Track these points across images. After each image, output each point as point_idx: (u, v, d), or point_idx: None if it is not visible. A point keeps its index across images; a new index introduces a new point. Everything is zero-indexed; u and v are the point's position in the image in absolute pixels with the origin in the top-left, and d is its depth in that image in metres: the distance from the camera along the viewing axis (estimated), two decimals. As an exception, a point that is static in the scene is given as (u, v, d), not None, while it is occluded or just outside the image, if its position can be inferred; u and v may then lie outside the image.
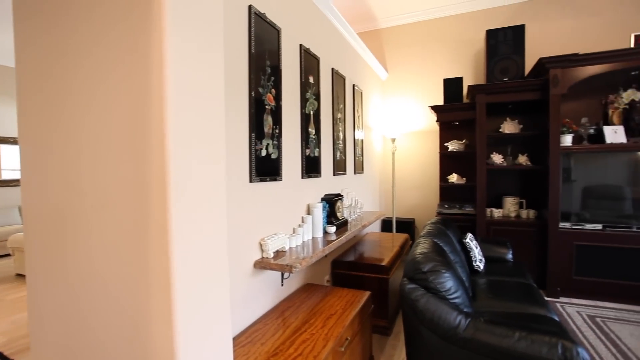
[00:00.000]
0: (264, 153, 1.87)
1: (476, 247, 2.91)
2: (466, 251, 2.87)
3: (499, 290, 2.49)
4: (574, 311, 3.14)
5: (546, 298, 3.40)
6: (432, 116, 4.38)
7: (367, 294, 2.23)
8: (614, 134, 3.36)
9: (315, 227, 2.38)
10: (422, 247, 1.94)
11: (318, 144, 2.62)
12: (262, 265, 1.80)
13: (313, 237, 2.37)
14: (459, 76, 4.27)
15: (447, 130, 4.38)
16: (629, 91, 3.39)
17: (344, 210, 2.84)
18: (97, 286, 1.04)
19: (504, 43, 3.83)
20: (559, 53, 3.80)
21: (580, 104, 3.76)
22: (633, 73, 3.40)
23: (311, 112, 2.51)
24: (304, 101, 2.39)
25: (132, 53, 0.93)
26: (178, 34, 0.91)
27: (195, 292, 0.97)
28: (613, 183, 3.50)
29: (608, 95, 3.55)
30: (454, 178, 4.20)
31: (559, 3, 4.07)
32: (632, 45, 3.38)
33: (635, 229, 3.33)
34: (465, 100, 4.24)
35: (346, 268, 2.84)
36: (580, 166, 3.54)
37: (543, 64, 3.42)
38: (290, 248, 2.07)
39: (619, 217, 3.44)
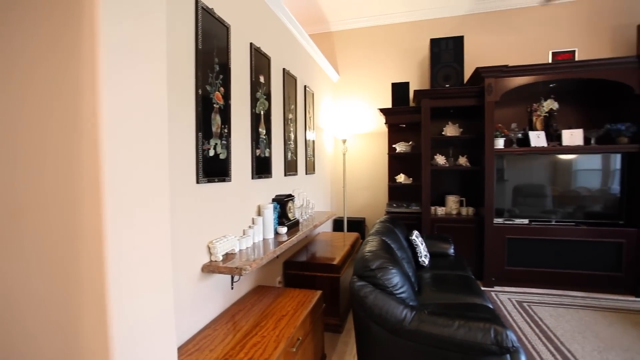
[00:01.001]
0: (212, 153, 1.81)
1: (422, 244, 3.08)
2: (412, 248, 3.02)
3: (441, 283, 2.65)
4: (505, 298, 3.45)
5: (483, 288, 3.70)
6: (381, 118, 4.55)
7: (319, 293, 2.25)
8: (537, 139, 3.76)
9: (266, 228, 2.35)
10: (370, 245, 2.01)
11: (269, 144, 2.60)
12: (210, 269, 1.74)
13: (264, 239, 2.34)
14: (406, 81, 4.49)
15: (395, 132, 4.58)
16: (549, 101, 3.82)
17: (295, 211, 2.84)
18: (23, 300, 0.93)
19: (446, 52, 4.09)
20: (492, 64, 4.15)
21: (510, 111, 4.15)
22: (551, 85, 3.83)
23: (262, 112, 2.48)
24: (254, 101, 2.35)
25: (60, 44, 0.84)
26: (112, 24, 0.84)
27: (134, 302, 0.91)
28: (537, 182, 3.91)
29: (532, 104, 3.96)
30: (401, 178, 4.40)
31: (492, 20, 4.45)
32: (550, 61, 3.80)
33: (554, 223, 3.75)
34: (411, 104, 4.46)
35: (298, 268, 2.85)
36: (511, 167, 3.90)
37: (479, 73, 3.72)
38: (240, 250, 2.02)
39: (542, 212, 3.85)
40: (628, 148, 3.50)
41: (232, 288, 2.04)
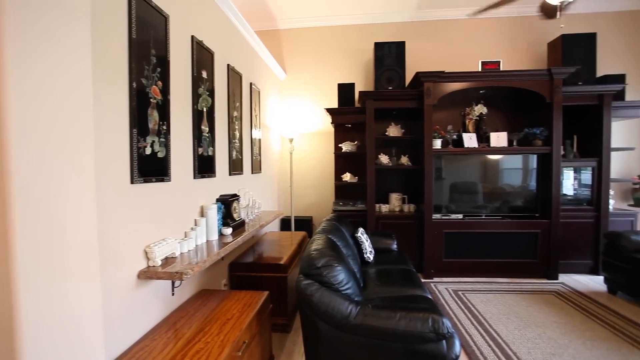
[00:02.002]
0: (148, 151, 1.69)
1: (367, 240, 3.18)
2: (358, 244, 3.12)
3: (385, 277, 2.77)
4: (443, 288, 3.71)
5: (423, 280, 3.93)
6: (328, 118, 4.62)
7: (265, 294, 2.22)
8: (470, 140, 4.09)
9: (209, 229, 2.26)
10: (317, 243, 2.03)
11: (212, 142, 2.50)
12: (147, 275, 1.63)
13: (207, 240, 2.25)
14: (352, 82, 4.61)
15: (341, 132, 4.68)
16: (479, 106, 4.18)
17: (240, 211, 2.77)
18: None
19: (389, 56, 4.28)
20: (431, 69, 4.42)
21: (447, 114, 4.46)
22: (481, 91, 4.20)
23: (204, 109, 2.38)
24: (196, 97, 2.24)
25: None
26: (19, 5, 0.74)
27: (52, 320, 0.81)
28: (470, 180, 4.26)
29: (465, 108, 4.30)
30: (347, 177, 4.51)
31: (431, 28, 4.75)
32: (479, 69, 4.17)
33: (484, 217, 4.11)
34: (357, 104, 4.59)
35: (244, 270, 2.78)
36: (448, 166, 4.20)
37: (419, 78, 3.95)
38: (181, 253, 1.92)
39: (474, 208, 4.20)
40: (541, 149, 3.97)
41: (173, 294, 1.93)
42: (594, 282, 3.82)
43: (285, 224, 4.77)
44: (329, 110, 4.40)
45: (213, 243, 2.23)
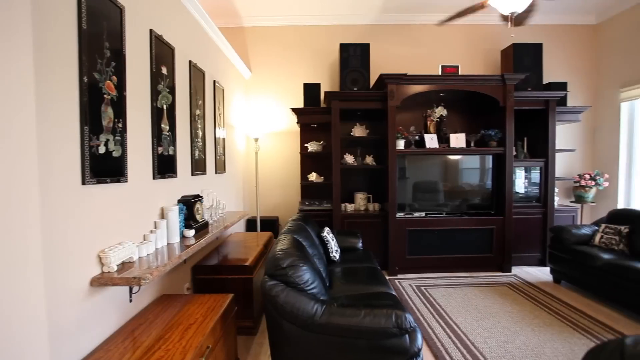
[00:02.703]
0: (102, 150, 1.59)
1: (332, 240, 3.21)
2: (324, 244, 3.14)
3: (351, 275, 2.81)
4: (407, 284, 3.83)
5: (388, 277, 4.04)
6: (293, 118, 4.61)
7: (230, 296, 2.17)
8: (431, 141, 4.25)
9: (171, 232, 2.17)
10: (282, 244, 2.02)
11: (173, 141, 2.40)
12: (102, 281, 1.53)
13: (169, 243, 2.16)
14: (318, 82, 4.62)
15: (307, 132, 4.69)
16: (439, 108, 4.36)
17: (204, 212, 2.69)
18: None
19: (354, 57, 4.34)
20: (394, 72, 4.54)
21: (409, 115, 4.61)
22: (441, 94, 4.38)
23: (164, 107, 2.28)
24: (155, 94, 2.14)
25: None
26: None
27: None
28: (432, 179, 4.44)
29: (427, 110, 4.47)
30: (313, 177, 4.52)
31: (394, 31, 4.89)
32: (440, 73, 4.35)
33: (444, 215, 4.30)
34: (322, 104, 4.61)
35: (208, 272, 2.70)
36: (411, 166, 4.34)
37: (383, 79, 4.05)
38: (140, 258, 1.83)
39: (436, 206, 4.38)
40: (496, 150, 4.21)
41: (130, 301, 1.83)
42: (542, 273, 4.12)
43: (251, 225, 4.70)
44: (295, 110, 4.39)
45: (174, 246, 2.15)
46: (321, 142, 4.57)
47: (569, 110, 4.47)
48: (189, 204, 2.44)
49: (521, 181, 4.49)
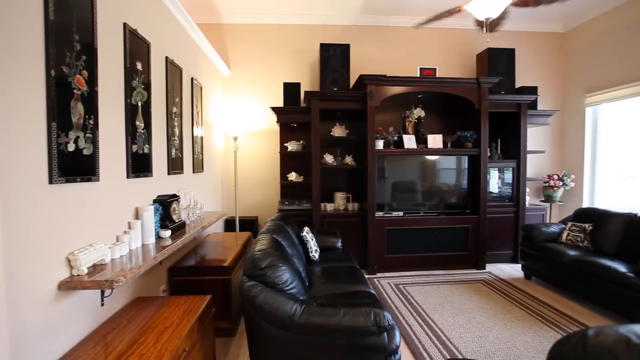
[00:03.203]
0: (72, 148, 1.52)
1: (312, 239, 3.21)
2: (304, 243, 3.13)
3: (330, 275, 2.82)
4: (385, 283, 3.88)
5: (367, 276, 4.08)
6: (273, 117, 4.57)
7: (208, 298, 2.13)
8: (409, 141, 4.33)
9: (146, 232, 2.11)
10: (261, 244, 2.00)
11: (148, 139, 2.33)
12: (71, 285, 1.46)
13: (143, 244, 2.09)
14: (298, 81, 4.61)
15: (286, 131, 4.67)
16: (417, 109, 4.44)
17: (181, 212, 2.63)
18: None
19: (334, 57, 4.36)
20: (373, 72, 4.59)
21: (388, 116, 4.67)
22: (420, 96, 4.47)
23: (139, 103, 2.21)
24: (129, 90, 2.07)
25: None
26: None
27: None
28: (411, 179, 4.52)
29: (405, 111, 4.55)
30: (293, 176, 4.51)
31: (374, 33, 4.94)
32: (418, 75, 4.43)
33: (422, 214, 4.39)
34: (302, 104, 4.60)
35: (185, 274, 2.64)
36: (390, 166, 4.40)
37: (362, 80, 4.08)
38: (112, 260, 1.76)
39: (414, 205, 4.46)
40: (472, 151, 4.34)
41: (102, 304, 1.76)
42: (514, 270, 4.28)
43: (229, 225, 4.63)
44: (275, 109, 4.36)
45: (150, 247, 2.08)
46: (301, 142, 4.56)
47: (539, 113, 4.67)
48: (165, 203, 2.37)
49: (495, 181, 4.65)
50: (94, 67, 1.69)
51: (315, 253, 3.16)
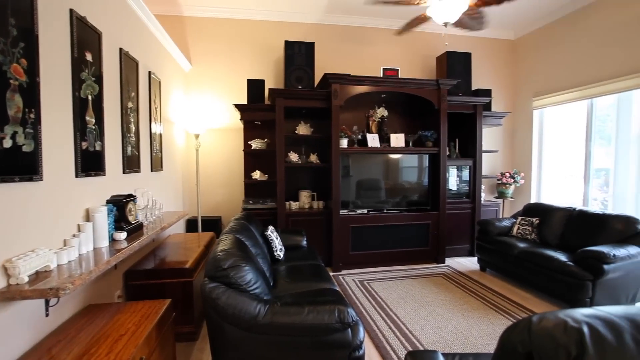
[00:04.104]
0: (8, 144, 1.38)
1: (277, 238, 3.18)
2: (268, 243, 3.10)
3: (295, 274, 2.81)
4: (350, 279, 3.93)
5: (332, 273, 4.12)
6: (237, 114, 4.47)
7: (167, 302, 2.04)
8: (373, 140, 4.42)
9: (98, 235, 1.98)
10: (223, 244, 1.95)
11: (100, 135, 2.18)
12: (7, 295, 1.34)
13: (95, 248, 1.96)
14: (262, 79, 4.53)
15: (250, 129, 4.58)
16: (381, 109, 4.54)
17: (138, 213, 2.50)
18: None
19: (299, 55, 4.33)
20: (338, 71, 4.63)
21: (352, 115, 4.74)
22: (383, 96, 4.57)
23: (90, 97, 2.06)
24: (78, 82, 1.93)
25: None
26: None
27: None
28: (375, 177, 4.61)
29: (369, 110, 4.63)
30: (257, 175, 4.44)
31: (338, 32, 4.97)
32: (381, 75, 4.54)
33: (385, 211, 4.50)
34: (267, 102, 4.54)
35: (143, 277, 2.51)
36: (355, 164, 4.47)
37: (327, 79, 4.10)
38: (59, 266, 1.63)
39: (377, 203, 4.56)
40: (432, 150, 4.51)
41: (47, 315, 1.62)
42: (471, 263, 4.51)
43: (192, 225, 4.47)
44: (238, 107, 4.26)
45: (102, 250, 1.95)
46: (265, 140, 4.50)
47: (493, 115, 4.95)
48: (119, 204, 2.24)
49: (454, 179, 4.87)
50: (35, 55, 1.55)
51: (280, 252, 3.14)
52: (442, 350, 2.44)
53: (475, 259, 4.42)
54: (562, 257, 3.18)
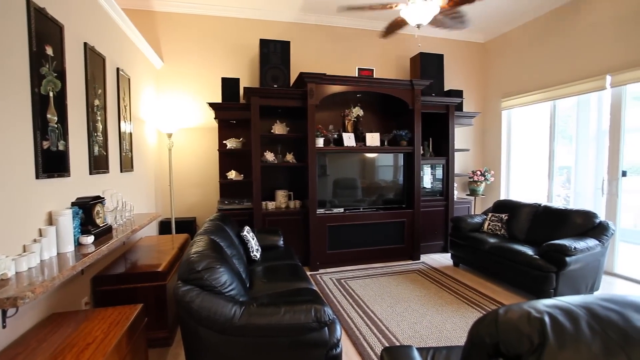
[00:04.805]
0: (-40, 143, 1.29)
1: (253, 239, 3.15)
2: (244, 243, 3.06)
3: (272, 274, 2.79)
4: (328, 278, 3.95)
5: (309, 272, 4.12)
6: (211, 113, 4.38)
7: (139, 307, 1.97)
8: (349, 139, 4.45)
9: (62, 239, 1.88)
10: (197, 245, 1.90)
11: (64, 134, 2.08)
12: (-39, 305, 1.25)
13: (59, 253, 1.86)
14: (237, 77, 4.46)
15: (225, 129, 4.50)
16: (356, 108, 4.58)
17: (106, 216, 2.39)
18: None
19: (274, 54, 4.30)
20: (313, 71, 4.62)
21: (328, 114, 4.75)
22: (358, 95, 4.62)
23: (51, 94, 1.95)
24: (37, 78, 1.82)
25: None
26: None
27: None
28: (351, 176, 4.65)
29: (345, 110, 4.67)
30: (232, 175, 4.37)
31: (314, 31, 4.97)
32: (356, 75, 4.58)
33: (362, 210, 4.54)
34: (242, 100, 4.48)
35: (113, 282, 2.41)
36: (332, 163, 4.48)
37: (303, 78, 4.09)
38: (18, 273, 1.54)
39: (354, 202, 4.60)
40: (406, 149, 4.60)
41: (4, 326, 1.52)
42: (445, 259, 4.64)
43: (165, 227, 4.34)
44: (212, 105, 4.18)
45: (67, 255, 1.86)
46: (241, 139, 4.44)
47: (464, 115, 5.11)
48: (86, 206, 2.14)
49: (428, 177, 4.99)
50: (-10, 50, 1.46)
51: (256, 252, 3.11)
52: (417, 344, 2.50)
53: (449, 254, 4.55)
54: (529, 251, 3.33)
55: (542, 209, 3.84)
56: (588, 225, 3.35)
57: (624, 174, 3.85)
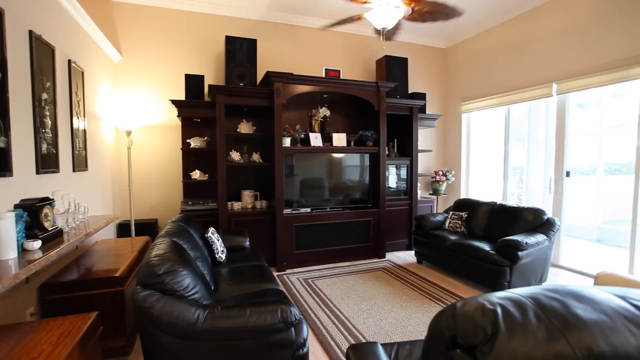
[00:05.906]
0: None
1: (218, 240, 3.07)
2: (209, 245, 2.97)
3: (237, 275, 2.74)
4: (295, 278, 3.94)
5: (276, 273, 4.09)
6: (174, 110, 4.22)
7: (93, 315, 1.86)
8: (316, 139, 4.47)
9: (3, 245, 1.72)
10: (158, 248, 1.82)
11: (5, 130, 1.91)
12: None
13: (0, 261, 1.71)
14: (201, 74, 4.33)
15: (189, 127, 4.36)
16: (323, 109, 4.61)
17: (56, 219, 2.23)
18: None
19: (240, 51, 4.21)
20: (280, 70, 4.59)
21: (295, 114, 4.74)
22: (325, 96, 4.65)
23: (-9, 86, 1.79)
24: (-25, 68, 1.66)
25: None
26: None
27: None
28: (318, 176, 4.66)
29: (312, 110, 4.68)
30: (197, 175, 4.23)
31: (281, 30, 4.93)
32: (323, 75, 4.61)
33: (328, 209, 4.58)
34: (206, 98, 4.35)
35: (64, 290, 2.25)
36: (299, 163, 4.47)
37: (269, 77, 4.05)
38: (-49, 283, 1.39)
39: (321, 201, 4.62)
40: (372, 149, 4.70)
41: None
42: (409, 256, 4.79)
43: (124, 230, 4.11)
44: (175, 102, 4.02)
45: (9, 263, 1.71)
46: (205, 138, 4.32)
47: (427, 117, 5.30)
48: (32, 209, 1.97)
49: (393, 177, 5.13)
50: None
51: (221, 254, 3.03)
52: (382, 340, 2.56)
53: (413, 252, 4.70)
54: (486, 247, 3.52)
55: (498, 207, 4.07)
56: (537, 221, 3.59)
57: (567, 174, 4.18)
